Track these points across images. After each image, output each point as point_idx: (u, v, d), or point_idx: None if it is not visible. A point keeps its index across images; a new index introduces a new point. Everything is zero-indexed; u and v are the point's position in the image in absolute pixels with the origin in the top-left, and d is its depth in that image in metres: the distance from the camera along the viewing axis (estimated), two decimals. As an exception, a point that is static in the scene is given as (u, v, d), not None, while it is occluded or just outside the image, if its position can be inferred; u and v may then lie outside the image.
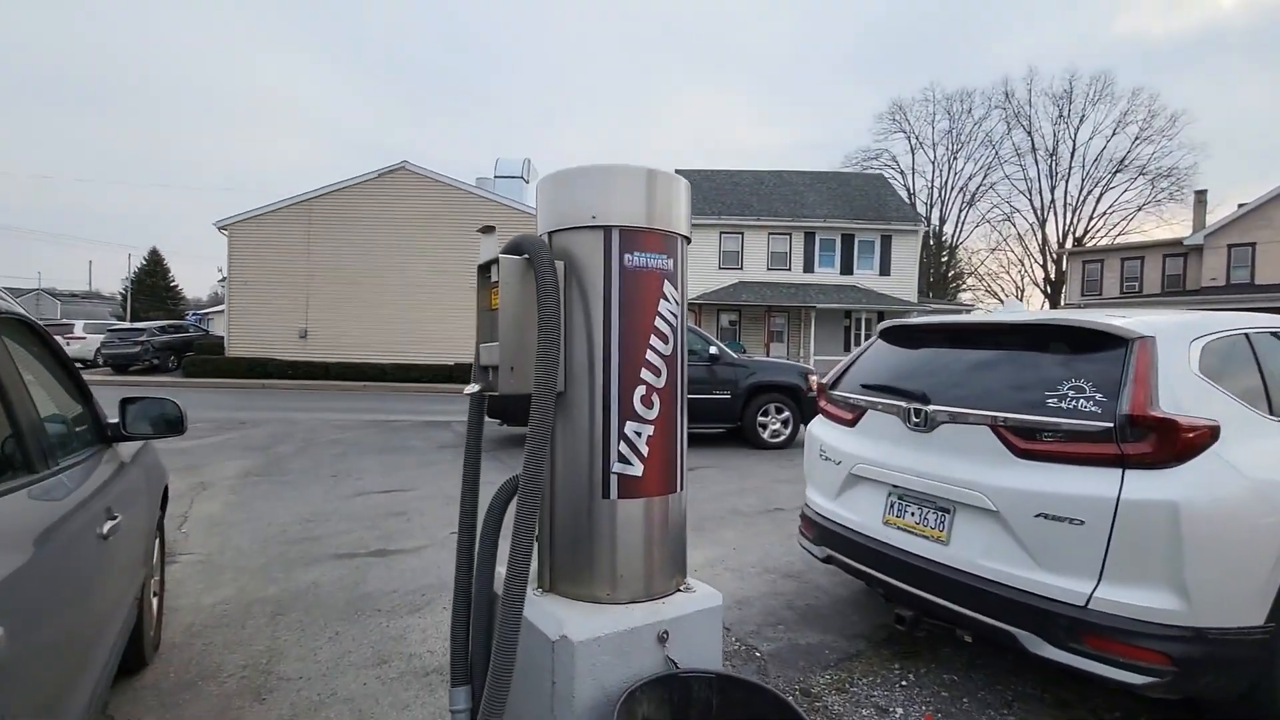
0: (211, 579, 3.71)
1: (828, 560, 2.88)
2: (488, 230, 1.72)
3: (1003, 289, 44.25)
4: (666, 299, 1.76)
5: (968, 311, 30.19)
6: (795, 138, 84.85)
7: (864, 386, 2.85)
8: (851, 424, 2.84)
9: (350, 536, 4.56)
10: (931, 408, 2.43)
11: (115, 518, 1.75)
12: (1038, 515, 2.09)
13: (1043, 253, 41.75)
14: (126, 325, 23.00)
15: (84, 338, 20.33)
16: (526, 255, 1.66)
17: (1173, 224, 38.27)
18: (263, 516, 5.03)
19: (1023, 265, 43.37)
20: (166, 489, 2.98)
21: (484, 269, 1.78)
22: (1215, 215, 32.34)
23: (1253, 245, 29.32)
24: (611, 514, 1.73)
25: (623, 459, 1.72)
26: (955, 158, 43.48)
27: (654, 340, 1.75)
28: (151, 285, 41.28)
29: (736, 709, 1.63)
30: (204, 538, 4.49)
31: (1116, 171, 39.22)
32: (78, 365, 1.97)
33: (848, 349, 26.51)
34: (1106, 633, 1.94)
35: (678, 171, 25.92)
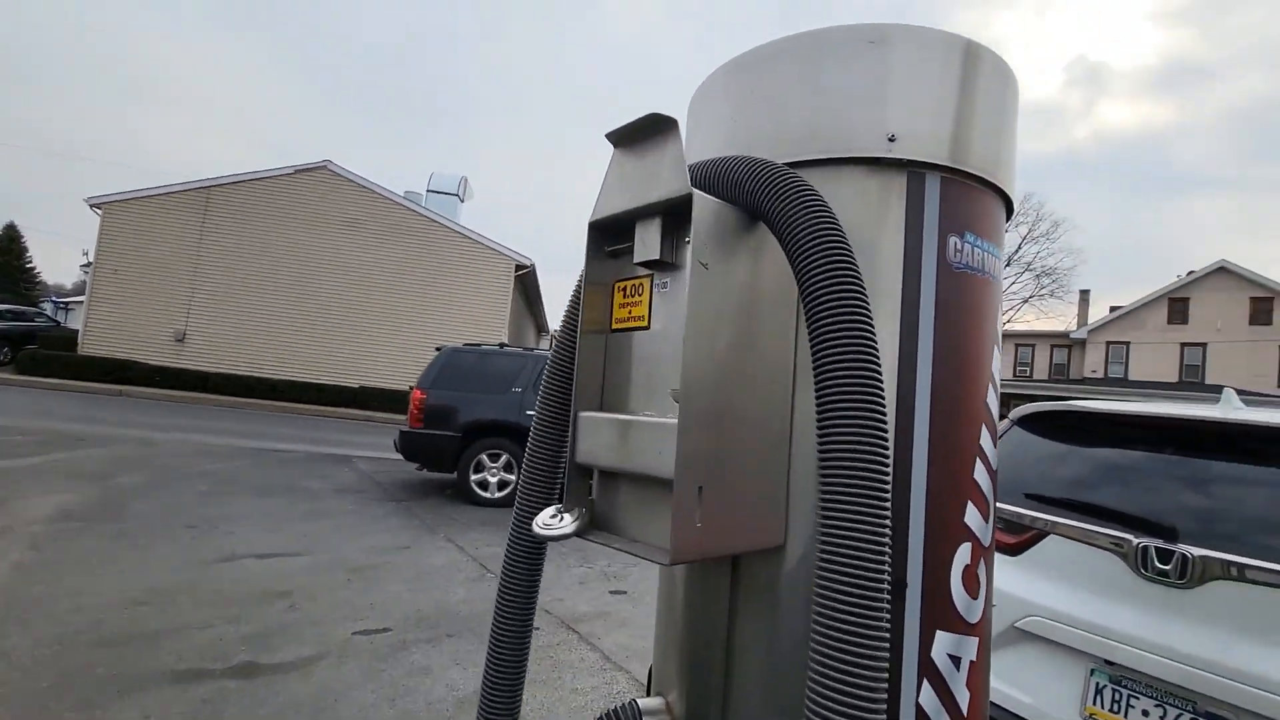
0: (-57, 724, 2.26)
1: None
2: (635, 134, 0.69)
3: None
4: (996, 341, 0.81)
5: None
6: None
7: (1032, 497, 1.99)
8: (1013, 551, 1.96)
9: (204, 635, 3.15)
10: (1195, 551, 1.58)
11: None
12: None
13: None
14: (-50, 306, 19.23)
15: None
16: (755, 205, 0.66)
17: (1051, 317, 42.04)
18: (73, 592, 3.49)
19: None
20: None
21: (603, 230, 0.75)
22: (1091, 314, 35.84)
23: (1127, 344, 32.56)
24: None
25: (921, 722, 0.71)
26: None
27: (985, 437, 0.78)
28: (3, 265, 35.93)
29: None
30: (-40, 632, 2.95)
31: (1006, 264, 42.73)
32: None
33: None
34: None
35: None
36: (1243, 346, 28.47)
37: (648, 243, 0.68)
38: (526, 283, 22.12)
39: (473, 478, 6.90)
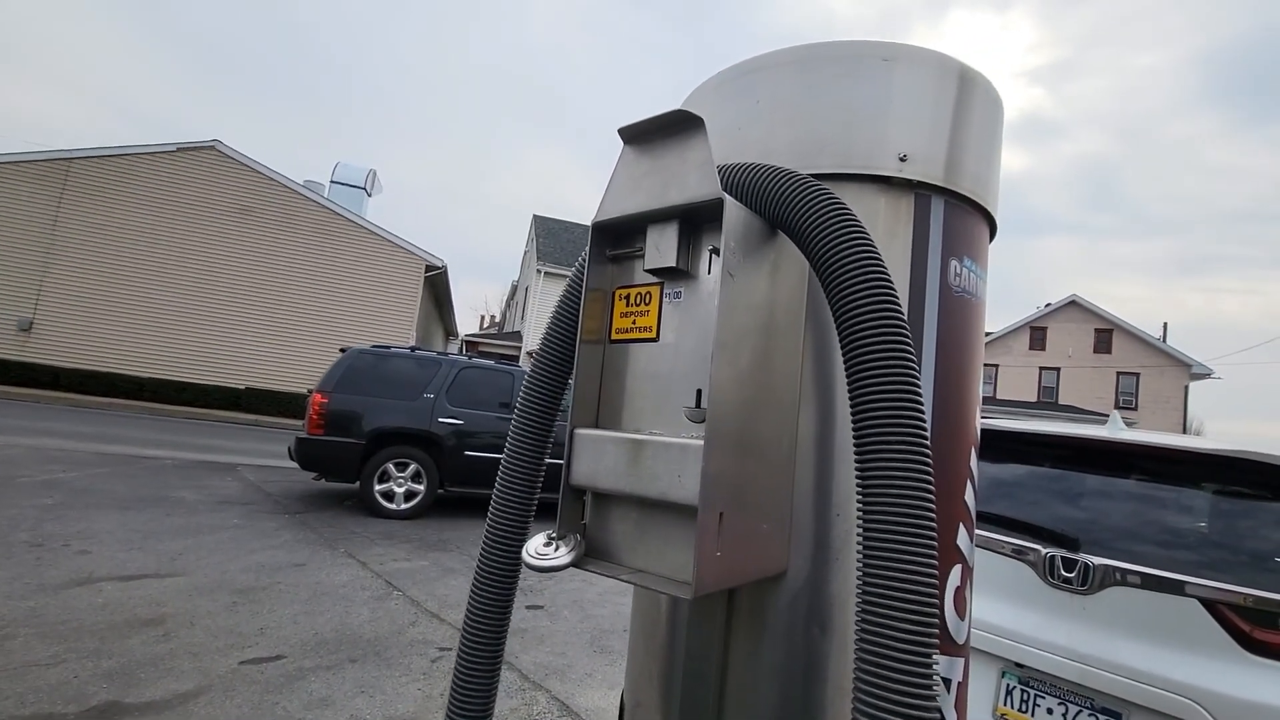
0: None
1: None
2: (653, 131, 0.65)
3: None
4: (981, 363, 0.83)
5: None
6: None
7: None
8: (936, 561, 2.06)
9: (53, 673, 2.73)
10: (1095, 560, 1.72)
11: None
12: (1294, 746, 1.42)
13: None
14: None
15: None
16: (784, 217, 0.63)
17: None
18: (-126, 628, 2.92)
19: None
20: None
21: (607, 233, 0.70)
22: (972, 337, 39.50)
23: (996, 366, 35.98)
24: None
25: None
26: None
27: (973, 458, 0.80)
28: None
29: None
30: None
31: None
32: None
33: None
34: None
35: (537, 219, 25.46)
36: (1088, 371, 32.20)
37: (662, 249, 0.64)
38: (437, 284, 21.30)
39: (377, 488, 6.48)
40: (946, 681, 0.73)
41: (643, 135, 0.65)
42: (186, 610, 3.57)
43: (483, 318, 49.52)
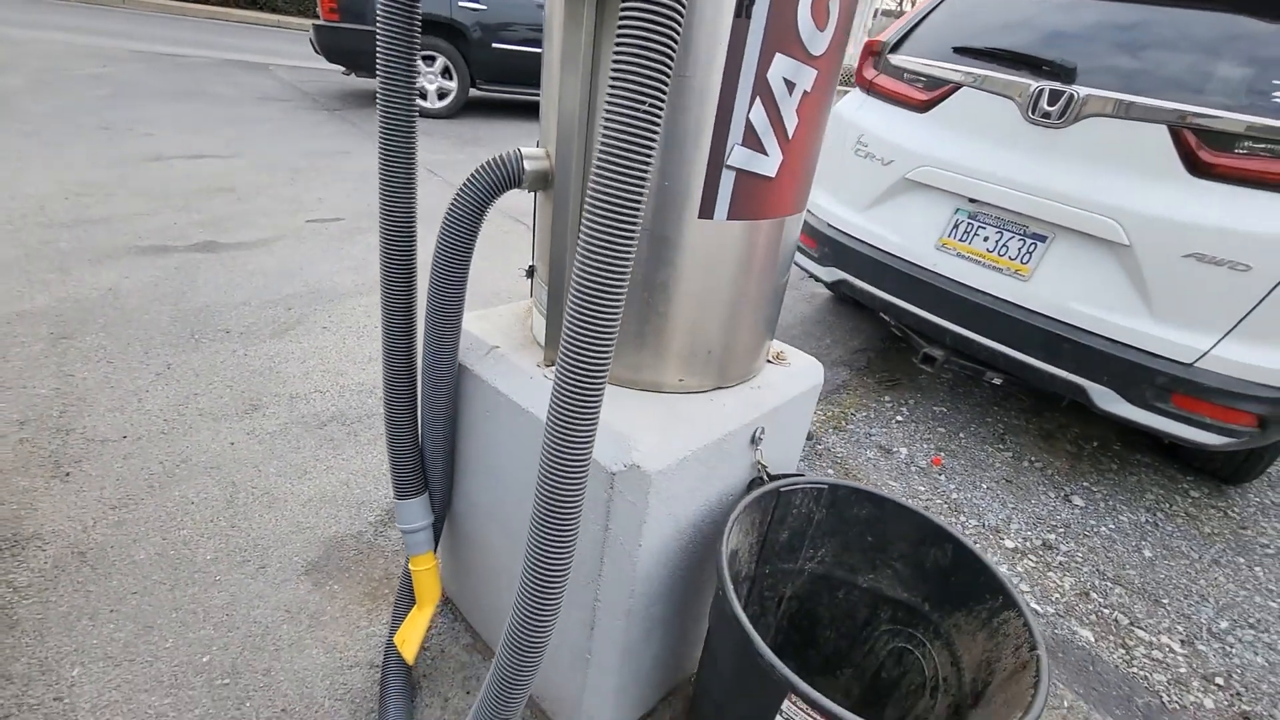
0: (-72, 280, 2.45)
1: (836, 286, 2.35)
2: None
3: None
4: None
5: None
6: None
7: (958, 51, 1.96)
8: (924, 107, 2.03)
9: (156, 220, 3.26)
10: (1082, 91, 1.66)
11: None
12: (1188, 255, 1.59)
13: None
14: None
15: None
16: None
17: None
18: (1, 184, 3.44)
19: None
20: None
21: None
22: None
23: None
24: (709, 246, 0.91)
25: (751, 140, 0.83)
26: None
27: None
28: None
29: (851, 526, 1.14)
30: (-101, 213, 2.97)
31: None
32: None
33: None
34: (1204, 393, 1.65)
35: None
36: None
37: None
38: None
39: (405, 85, 6.34)
40: (790, 84, 0.81)
41: None
42: (252, 183, 4.00)
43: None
